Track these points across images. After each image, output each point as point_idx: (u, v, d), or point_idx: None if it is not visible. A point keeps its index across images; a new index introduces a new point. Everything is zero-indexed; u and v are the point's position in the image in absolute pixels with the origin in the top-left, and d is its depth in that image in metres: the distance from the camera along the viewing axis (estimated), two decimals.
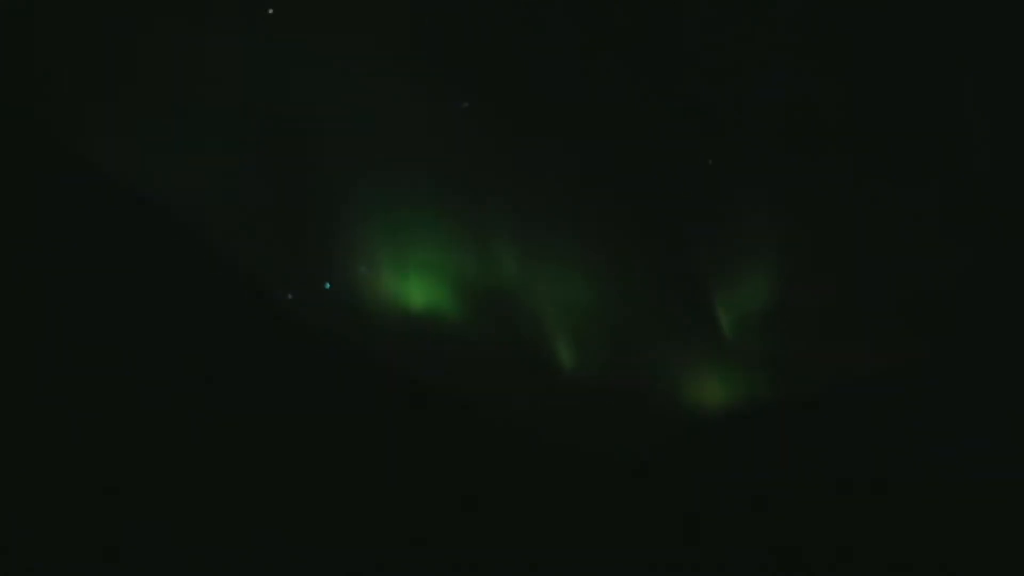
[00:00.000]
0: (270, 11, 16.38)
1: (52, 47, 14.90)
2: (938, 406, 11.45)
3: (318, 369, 11.32)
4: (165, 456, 8.89)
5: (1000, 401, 11.07)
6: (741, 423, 14.31)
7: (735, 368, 16.31)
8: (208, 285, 11.76)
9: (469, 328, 16.47)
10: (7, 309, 9.29)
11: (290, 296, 16.03)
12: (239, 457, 9.24)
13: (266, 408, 9.98)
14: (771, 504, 10.67)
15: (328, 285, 16.63)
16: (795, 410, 13.53)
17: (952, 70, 15.96)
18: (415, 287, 16.68)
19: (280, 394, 10.28)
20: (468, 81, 16.77)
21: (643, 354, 16.54)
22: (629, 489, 10.88)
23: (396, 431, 10.62)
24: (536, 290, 16.67)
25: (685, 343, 16.49)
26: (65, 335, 9.39)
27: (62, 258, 10.11)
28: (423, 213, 16.56)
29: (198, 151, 15.93)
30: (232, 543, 8.43)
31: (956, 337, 14.35)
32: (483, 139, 16.68)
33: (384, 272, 16.73)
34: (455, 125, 16.71)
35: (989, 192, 15.87)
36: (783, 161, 16.57)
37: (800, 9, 16.44)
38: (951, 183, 16.17)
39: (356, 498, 9.36)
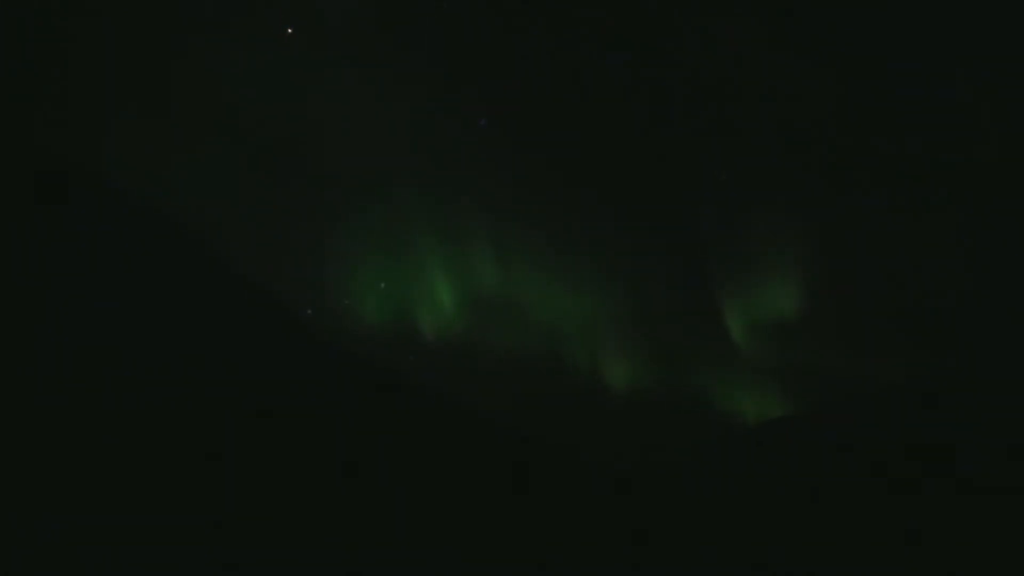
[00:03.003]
0: (289, 31, 16.49)
1: (54, 53, 14.97)
2: (947, 414, 11.48)
3: (335, 380, 11.41)
4: (172, 459, 8.90)
5: (1008, 407, 11.09)
6: (753, 432, 14.34)
7: (748, 378, 16.33)
8: (229, 302, 11.85)
9: (483, 339, 16.55)
10: (17, 315, 9.33)
11: (310, 311, 16.20)
12: (247, 461, 9.27)
13: (284, 416, 10.07)
14: (779, 512, 10.72)
15: (347, 300, 16.78)
16: (807, 419, 13.56)
17: (956, 75, 15.92)
18: (430, 300, 16.78)
19: (299, 403, 10.37)
20: (483, 94, 16.87)
21: (657, 365, 16.58)
22: (636, 498, 10.93)
23: (412, 441, 10.68)
24: (552, 301, 16.75)
25: (698, 354, 16.53)
26: (80, 344, 9.42)
27: (79, 268, 10.16)
28: (436, 226, 16.66)
29: (216, 168, 16.07)
30: (231, 544, 8.49)
31: (966, 347, 14.36)
32: (497, 151, 16.77)
33: (401, 286, 16.84)
34: (471, 139, 16.82)
35: (998, 203, 15.84)
36: (796, 174, 16.58)
37: (810, 17, 16.40)
38: (961, 193, 16.14)
39: (361, 503, 9.39)
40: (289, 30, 16.46)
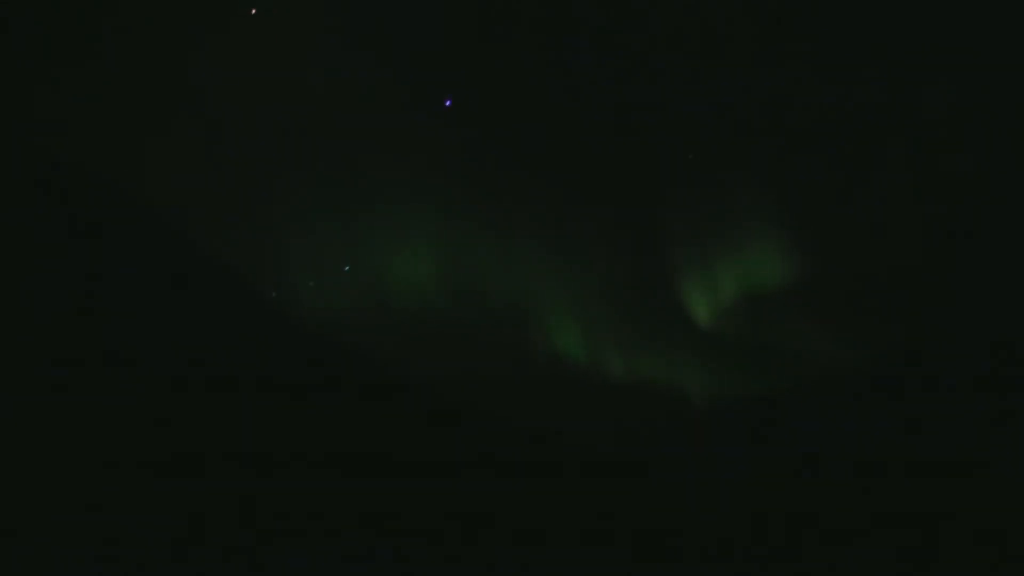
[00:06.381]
0: (252, 11, 16.44)
1: (40, 44, 14.87)
2: (923, 394, 11.49)
3: (300, 364, 11.33)
4: (145, 453, 8.86)
5: (992, 389, 11.08)
6: (726, 415, 14.35)
7: (718, 360, 16.39)
8: (193, 280, 11.77)
9: (449, 322, 16.56)
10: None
11: (274, 294, 16.12)
12: (221, 454, 9.22)
13: (247, 402, 9.98)
14: (758, 495, 10.70)
15: (312, 283, 16.73)
16: (780, 400, 13.57)
17: (931, 59, 16.00)
18: (396, 283, 16.80)
19: (261, 388, 10.28)
20: (452, 78, 16.87)
21: (626, 347, 16.62)
22: (605, 482, 10.90)
23: (379, 425, 10.63)
24: (517, 282, 16.79)
25: (668, 335, 16.59)
26: (50, 330, 9.39)
27: (48, 252, 10.11)
28: (404, 208, 16.68)
29: (182, 146, 16.00)
30: (221, 542, 8.44)
31: (941, 325, 14.42)
32: (466, 135, 16.77)
33: (367, 268, 16.84)
34: (439, 121, 16.81)
35: (977, 180, 15.89)
36: (765, 151, 16.62)
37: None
38: (935, 169, 16.17)
39: (343, 495, 9.36)
40: (253, 11, 16.45)
